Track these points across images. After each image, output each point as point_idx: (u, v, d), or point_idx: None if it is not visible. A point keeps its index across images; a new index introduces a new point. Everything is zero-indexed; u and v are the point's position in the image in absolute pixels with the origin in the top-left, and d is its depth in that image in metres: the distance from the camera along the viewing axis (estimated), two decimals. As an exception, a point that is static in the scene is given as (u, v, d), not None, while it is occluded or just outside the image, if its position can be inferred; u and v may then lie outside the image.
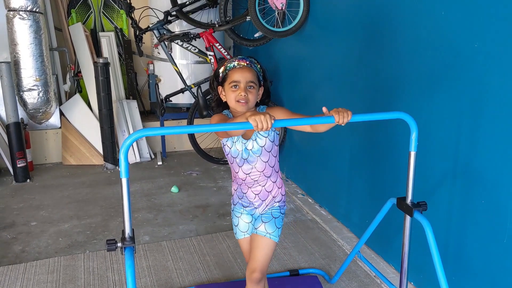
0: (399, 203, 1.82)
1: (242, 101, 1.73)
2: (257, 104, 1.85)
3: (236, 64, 1.77)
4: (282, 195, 1.91)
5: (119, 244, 1.43)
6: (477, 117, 1.90)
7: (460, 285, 2.05)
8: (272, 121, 1.44)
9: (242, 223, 1.91)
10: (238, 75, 1.74)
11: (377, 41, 2.57)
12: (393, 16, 2.39)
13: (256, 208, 1.89)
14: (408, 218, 1.80)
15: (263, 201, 1.87)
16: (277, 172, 1.88)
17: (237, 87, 1.74)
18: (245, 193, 1.87)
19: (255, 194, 1.86)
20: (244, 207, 1.90)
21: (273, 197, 1.88)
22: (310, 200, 3.52)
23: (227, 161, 4.66)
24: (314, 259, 2.70)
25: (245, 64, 1.77)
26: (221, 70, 1.81)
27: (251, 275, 1.80)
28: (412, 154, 1.70)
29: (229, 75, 1.77)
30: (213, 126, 1.53)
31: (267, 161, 1.81)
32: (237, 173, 1.85)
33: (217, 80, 1.83)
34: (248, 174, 1.82)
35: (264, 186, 1.85)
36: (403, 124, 1.72)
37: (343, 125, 1.54)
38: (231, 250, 2.78)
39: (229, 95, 1.77)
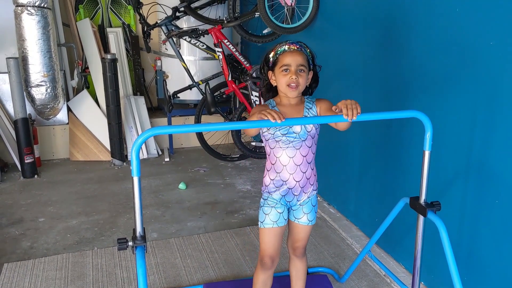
0: (412, 203, 1.79)
1: (293, 84, 1.73)
2: (305, 93, 1.86)
3: (286, 48, 1.76)
4: (316, 178, 1.92)
5: (130, 243, 1.42)
6: (491, 115, 1.87)
7: (473, 285, 2.02)
8: (281, 117, 1.48)
9: (274, 212, 1.87)
10: (289, 59, 1.73)
11: (389, 38, 2.53)
12: (406, 12, 2.36)
13: (295, 196, 1.87)
14: (421, 218, 1.78)
15: (301, 188, 1.86)
16: (314, 159, 1.90)
17: (288, 70, 1.73)
18: (285, 181, 1.84)
19: (296, 181, 1.84)
20: (282, 195, 1.86)
21: (311, 185, 1.89)
22: (319, 198, 3.50)
23: (234, 157, 4.62)
24: (323, 257, 2.69)
25: (296, 48, 1.76)
26: (271, 55, 1.80)
27: (295, 251, 2.01)
28: (427, 154, 1.68)
29: (279, 59, 1.76)
30: (223, 125, 1.54)
31: (310, 147, 1.83)
32: (278, 157, 1.81)
33: (267, 65, 1.83)
34: (292, 157, 1.80)
35: (305, 172, 1.84)
36: (416, 122, 1.70)
37: (354, 119, 1.54)
38: (240, 248, 2.77)
39: (279, 79, 1.76)
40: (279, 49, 1.78)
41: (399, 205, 1.92)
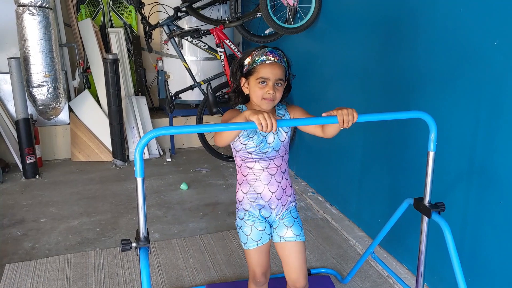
0: (416, 204, 1.78)
1: (269, 98, 1.63)
2: None
3: (265, 59, 1.63)
4: (293, 191, 1.84)
5: (134, 244, 1.41)
6: (494, 116, 1.86)
7: (476, 286, 2.02)
8: (275, 124, 1.40)
9: (255, 231, 1.76)
10: (268, 71, 1.62)
11: (392, 39, 2.53)
12: (409, 12, 2.35)
13: (272, 209, 1.77)
14: (425, 219, 1.77)
15: (278, 200, 1.76)
16: (287, 169, 1.82)
17: (265, 83, 1.63)
18: (260, 193, 1.74)
19: (272, 192, 1.74)
20: (259, 209, 1.76)
21: (288, 196, 1.80)
22: (321, 199, 3.49)
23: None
24: (325, 258, 2.68)
25: (275, 60, 1.64)
26: (247, 61, 1.68)
27: (295, 284, 1.79)
28: (431, 154, 1.67)
29: (257, 70, 1.64)
30: (220, 126, 1.45)
31: (283, 156, 1.75)
32: (251, 168, 1.72)
33: (241, 71, 1.70)
34: (266, 168, 1.72)
35: (280, 182, 1.75)
36: (419, 123, 1.69)
37: (347, 128, 1.48)
38: (242, 249, 2.75)
39: (255, 90, 1.65)
40: (257, 58, 1.64)
41: (403, 206, 1.91)
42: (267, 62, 1.63)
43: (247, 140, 1.68)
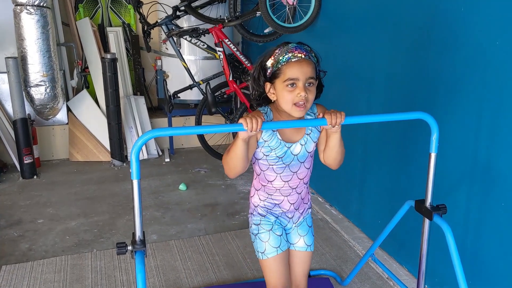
0: (418, 206, 1.76)
1: (300, 102, 1.43)
2: None
3: (291, 56, 1.43)
4: (309, 196, 1.75)
5: (130, 248, 1.38)
6: (497, 116, 1.83)
7: (478, 289, 2.00)
8: (260, 123, 1.34)
9: (273, 236, 1.63)
10: (296, 71, 1.42)
11: (393, 38, 2.50)
12: (410, 11, 2.32)
13: (290, 219, 1.69)
14: (426, 221, 1.74)
15: (296, 210, 1.68)
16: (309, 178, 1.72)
17: (294, 85, 1.43)
18: (278, 204, 1.64)
19: (291, 204, 1.65)
20: (275, 217, 1.66)
21: (305, 203, 1.71)
22: (320, 199, 3.47)
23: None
24: (325, 260, 2.65)
25: (303, 56, 1.43)
26: (269, 63, 1.47)
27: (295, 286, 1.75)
28: (433, 156, 1.64)
29: (283, 71, 1.43)
30: (214, 127, 1.41)
31: (309, 168, 1.62)
32: (271, 181, 1.59)
33: (264, 75, 1.50)
34: (287, 181, 1.59)
35: (300, 193, 1.65)
36: (421, 124, 1.66)
37: (336, 126, 1.44)
38: (241, 250, 2.73)
39: (283, 95, 1.45)
40: (281, 58, 1.44)
41: (404, 208, 1.89)
42: (293, 60, 1.43)
43: (269, 152, 1.55)
